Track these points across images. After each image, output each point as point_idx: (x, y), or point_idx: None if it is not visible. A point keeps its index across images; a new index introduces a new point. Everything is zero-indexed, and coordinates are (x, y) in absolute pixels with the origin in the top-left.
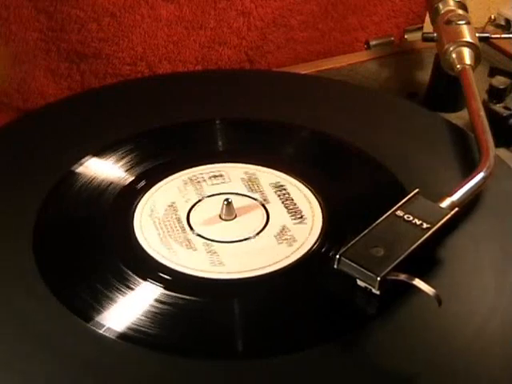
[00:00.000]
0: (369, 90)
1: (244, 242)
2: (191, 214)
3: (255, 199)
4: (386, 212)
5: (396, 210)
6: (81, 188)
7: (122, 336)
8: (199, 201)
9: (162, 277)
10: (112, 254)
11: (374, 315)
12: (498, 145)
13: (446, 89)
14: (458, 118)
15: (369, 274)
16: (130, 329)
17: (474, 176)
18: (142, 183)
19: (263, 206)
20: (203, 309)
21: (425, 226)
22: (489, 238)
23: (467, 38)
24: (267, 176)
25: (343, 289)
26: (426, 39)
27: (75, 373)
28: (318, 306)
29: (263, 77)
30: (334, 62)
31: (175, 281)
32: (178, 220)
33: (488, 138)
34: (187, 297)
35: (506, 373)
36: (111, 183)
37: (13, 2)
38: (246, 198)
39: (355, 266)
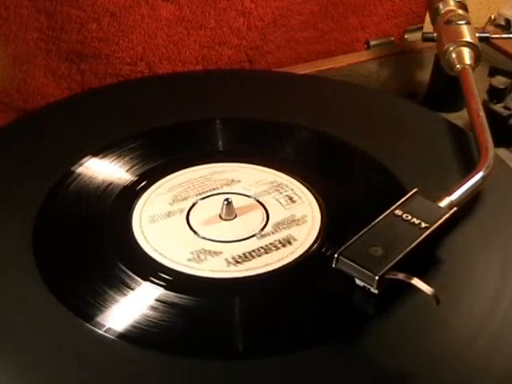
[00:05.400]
0: (369, 89)
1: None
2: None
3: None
4: (385, 212)
5: (394, 209)
6: (81, 188)
7: (122, 336)
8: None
9: (162, 277)
10: (112, 254)
11: (373, 314)
12: (497, 145)
13: (446, 89)
14: (458, 118)
15: (367, 273)
16: (130, 329)
17: (473, 176)
18: (142, 183)
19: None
20: (203, 309)
21: (423, 225)
22: (488, 237)
23: (467, 37)
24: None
25: (342, 288)
26: (425, 39)
27: (75, 372)
28: (316, 305)
29: (263, 77)
30: (334, 62)
31: (175, 281)
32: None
33: (487, 137)
34: (187, 297)
35: (506, 373)
36: (111, 183)
37: (13, 2)
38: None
39: (353, 265)
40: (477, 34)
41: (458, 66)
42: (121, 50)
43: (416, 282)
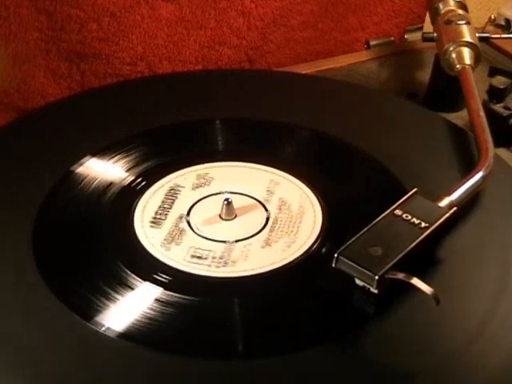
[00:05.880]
0: (369, 89)
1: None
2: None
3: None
4: (385, 211)
5: (394, 209)
6: (81, 188)
7: (122, 335)
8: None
9: (162, 276)
10: (112, 253)
11: (373, 314)
12: (498, 145)
13: (446, 89)
14: (458, 118)
15: (367, 272)
16: (130, 328)
17: (473, 176)
18: (142, 183)
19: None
20: (203, 309)
21: (423, 225)
22: (488, 237)
23: (467, 37)
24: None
25: (342, 288)
26: (426, 39)
27: (75, 372)
28: (316, 305)
29: (263, 77)
30: (334, 62)
31: (175, 280)
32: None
33: (487, 137)
34: (187, 297)
35: (505, 373)
36: (111, 183)
37: (13, 2)
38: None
39: (353, 264)
40: (477, 34)
41: (458, 66)
42: (121, 50)
43: (416, 281)
